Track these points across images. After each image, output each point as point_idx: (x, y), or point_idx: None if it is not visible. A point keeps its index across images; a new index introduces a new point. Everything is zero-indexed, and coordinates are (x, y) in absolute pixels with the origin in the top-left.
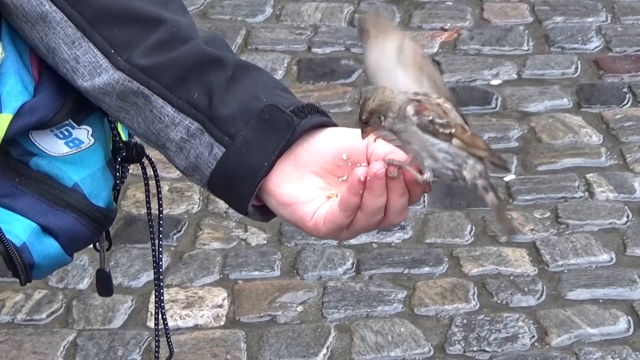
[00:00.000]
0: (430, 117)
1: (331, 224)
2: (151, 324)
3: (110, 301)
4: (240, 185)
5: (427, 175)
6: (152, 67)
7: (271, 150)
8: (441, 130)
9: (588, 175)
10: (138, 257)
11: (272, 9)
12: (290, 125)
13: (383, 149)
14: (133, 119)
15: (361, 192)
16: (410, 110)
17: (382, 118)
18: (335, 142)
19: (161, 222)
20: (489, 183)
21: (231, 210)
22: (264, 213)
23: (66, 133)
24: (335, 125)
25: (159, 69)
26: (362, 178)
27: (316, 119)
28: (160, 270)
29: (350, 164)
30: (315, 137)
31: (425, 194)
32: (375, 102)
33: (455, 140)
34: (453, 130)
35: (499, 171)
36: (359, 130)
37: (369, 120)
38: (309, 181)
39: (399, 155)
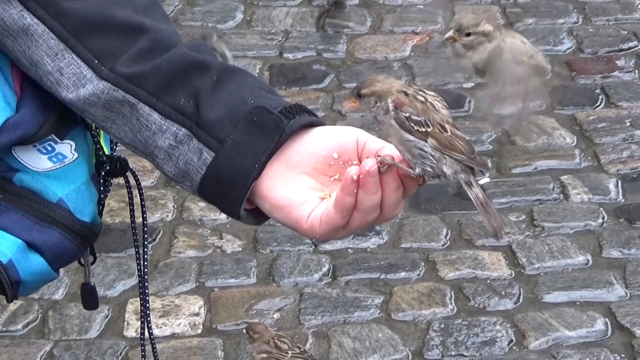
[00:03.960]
0: (407, 114)
1: (327, 226)
2: (128, 333)
3: (86, 311)
4: (231, 189)
5: (419, 170)
6: (137, 75)
7: (261, 151)
8: (416, 128)
9: (563, 177)
10: (113, 266)
11: (242, 15)
12: (279, 126)
13: (374, 144)
14: (120, 129)
15: (355, 191)
16: (390, 104)
17: (377, 103)
18: (325, 141)
19: (145, 229)
20: (472, 178)
21: (206, 218)
22: (257, 216)
23: (49, 148)
24: (323, 124)
25: (143, 77)
26: (355, 177)
27: (305, 118)
28: (145, 278)
29: (341, 163)
30: (305, 137)
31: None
32: (380, 87)
33: (430, 140)
34: (429, 129)
35: (478, 174)
36: (348, 128)
37: (365, 97)
38: (302, 182)
39: (390, 150)
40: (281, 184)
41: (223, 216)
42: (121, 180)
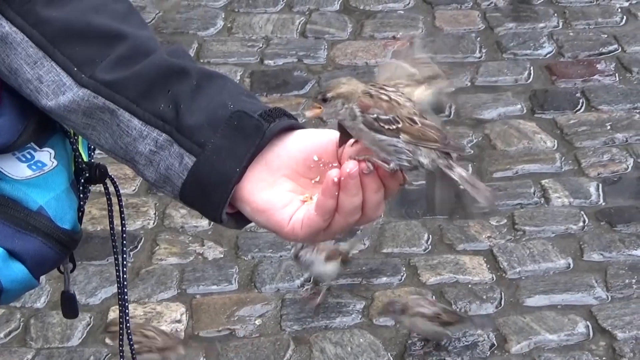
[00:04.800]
0: (375, 115)
1: (309, 229)
2: (110, 341)
3: (68, 319)
4: (213, 194)
5: (393, 165)
6: (117, 81)
7: (242, 155)
8: (387, 126)
9: (543, 181)
10: (95, 274)
11: (223, 22)
12: (260, 129)
13: (354, 147)
14: (100, 135)
15: (336, 193)
16: (355, 109)
17: (344, 105)
18: (305, 143)
19: (124, 235)
20: (451, 161)
21: (187, 225)
22: (238, 220)
23: (28, 156)
24: (303, 127)
25: (123, 83)
26: (335, 179)
27: (285, 122)
28: (125, 285)
29: (321, 165)
30: (285, 141)
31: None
32: (346, 88)
33: (403, 135)
34: (400, 125)
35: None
36: (328, 131)
37: (331, 100)
38: (282, 185)
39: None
40: (262, 187)
41: (204, 223)
42: (102, 188)
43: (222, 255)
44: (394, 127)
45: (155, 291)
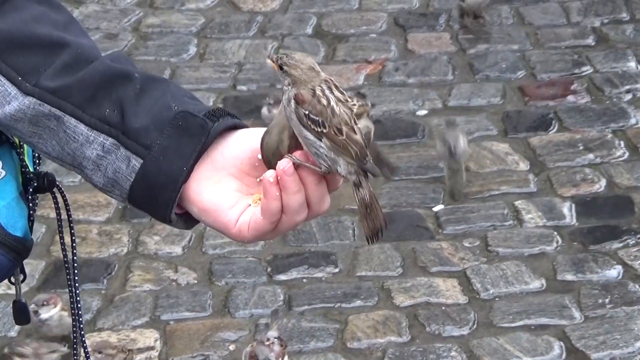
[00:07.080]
0: (307, 112)
1: (255, 232)
2: None
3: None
4: (161, 194)
5: (325, 168)
6: (62, 88)
7: (188, 154)
8: (313, 127)
9: (516, 203)
10: (68, 302)
11: (196, 48)
12: (205, 128)
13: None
14: (47, 143)
15: (278, 194)
16: (292, 99)
17: (289, 85)
18: (249, 142)
19: (74, 244)
20: (362, 180)
21: (161, 252)
22: (187, 221)
23: None
24: (247, 127)
25: (68, 90)
26: (272, 180)
27: (229, 120)
28: (77, 292)
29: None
30: (229, 140)
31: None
32: (301, 75)
33: (325, 141)
34: (325, 130)
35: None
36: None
37: (284, 73)
38: (228, 185)
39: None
40: (207, 186)
41: (178, 249)
42: (72, 215)
43: (196, 281)
44: (319, 130)
45: (129, 318)
